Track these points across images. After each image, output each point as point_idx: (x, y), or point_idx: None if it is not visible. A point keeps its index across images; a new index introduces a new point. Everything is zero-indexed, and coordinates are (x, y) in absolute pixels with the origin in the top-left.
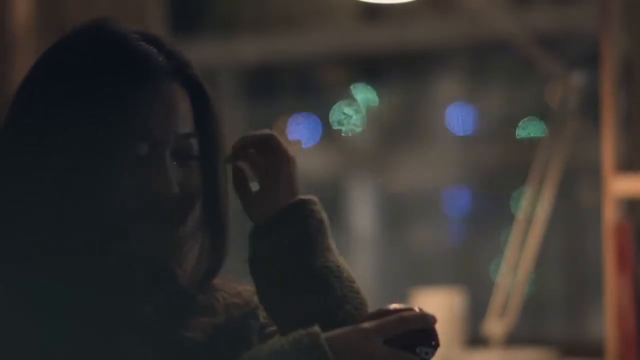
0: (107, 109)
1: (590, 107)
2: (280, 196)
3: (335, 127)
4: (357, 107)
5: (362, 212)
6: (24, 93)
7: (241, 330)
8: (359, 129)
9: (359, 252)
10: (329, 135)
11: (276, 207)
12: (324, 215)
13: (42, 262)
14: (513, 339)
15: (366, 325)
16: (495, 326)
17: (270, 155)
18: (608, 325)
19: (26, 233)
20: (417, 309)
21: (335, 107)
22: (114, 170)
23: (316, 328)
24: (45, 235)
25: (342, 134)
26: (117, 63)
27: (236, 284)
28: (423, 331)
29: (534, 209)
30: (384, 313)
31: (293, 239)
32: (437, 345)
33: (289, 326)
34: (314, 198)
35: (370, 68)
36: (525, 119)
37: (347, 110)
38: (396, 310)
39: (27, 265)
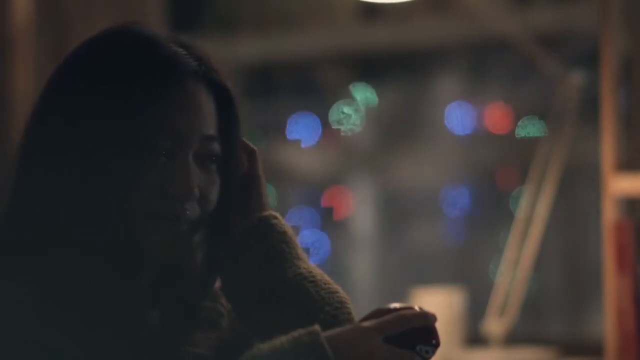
0: (133, 105)
1: (590, 107)
2: (249, 212)
3: (335, 126)
4: (356, 107)
5: (362, 212)
6: (51, 88)
7: (245, 338)
8: (358, 129)
9: (359, 252)
10: (329, 135)
11: (245, 223)
12: (287, 227)
13: (52, 259)
14: (513, 339)
15: (366, 323)
16: (494, 325)
17: (248, 168)
18: (608, 325)
19: (38, 229)
20: (417, 308)
21: (335, 106)
22: (135, 166)
23: (316, 327)
24: (57, 231)
25: (342, 134)
26: (146, 62)
27: None
28: (423, 329)
29: (534, 209)
30: (383, 312)
31: (260, 257)
32: (437, 344)
33: (266, 334)
34: (274, 212)
35: (370, 68)
36: (525, 118)
37: (346, 109)
38: (395, 309)
39: (36, 261)
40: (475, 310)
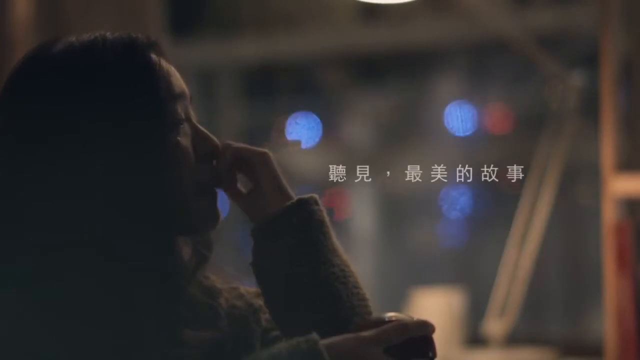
0: (139, 84)
1: (590, 107)
2: (272, 193)
3: (335, 127)
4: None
5: (362, 213)
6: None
7: (243, 337)
8: (358, 129)
9: (359, 252)
10: (329, 135)
11: (271, 206)
12: (326, 215)
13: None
14: (513, 339)
15: (366, 333)
16: (495, 326)
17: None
18: (608, 325)
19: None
20: (411, 317)
21: (334, 107)
22: (170, 143)
23: (314, 335)
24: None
25: (342, 134)
26: (119, 48)
27: (238, 284)
28: (421, 341)
29: (534, 209)
30: (379, 322)
31: (294, 244)
32: (433, 357)
33: (295, 335)
34: (314, 196)
35: (370, 68)
36: (525, 119)
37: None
38: (390, 320)
39: (49, 271)
40: (475, 311)
